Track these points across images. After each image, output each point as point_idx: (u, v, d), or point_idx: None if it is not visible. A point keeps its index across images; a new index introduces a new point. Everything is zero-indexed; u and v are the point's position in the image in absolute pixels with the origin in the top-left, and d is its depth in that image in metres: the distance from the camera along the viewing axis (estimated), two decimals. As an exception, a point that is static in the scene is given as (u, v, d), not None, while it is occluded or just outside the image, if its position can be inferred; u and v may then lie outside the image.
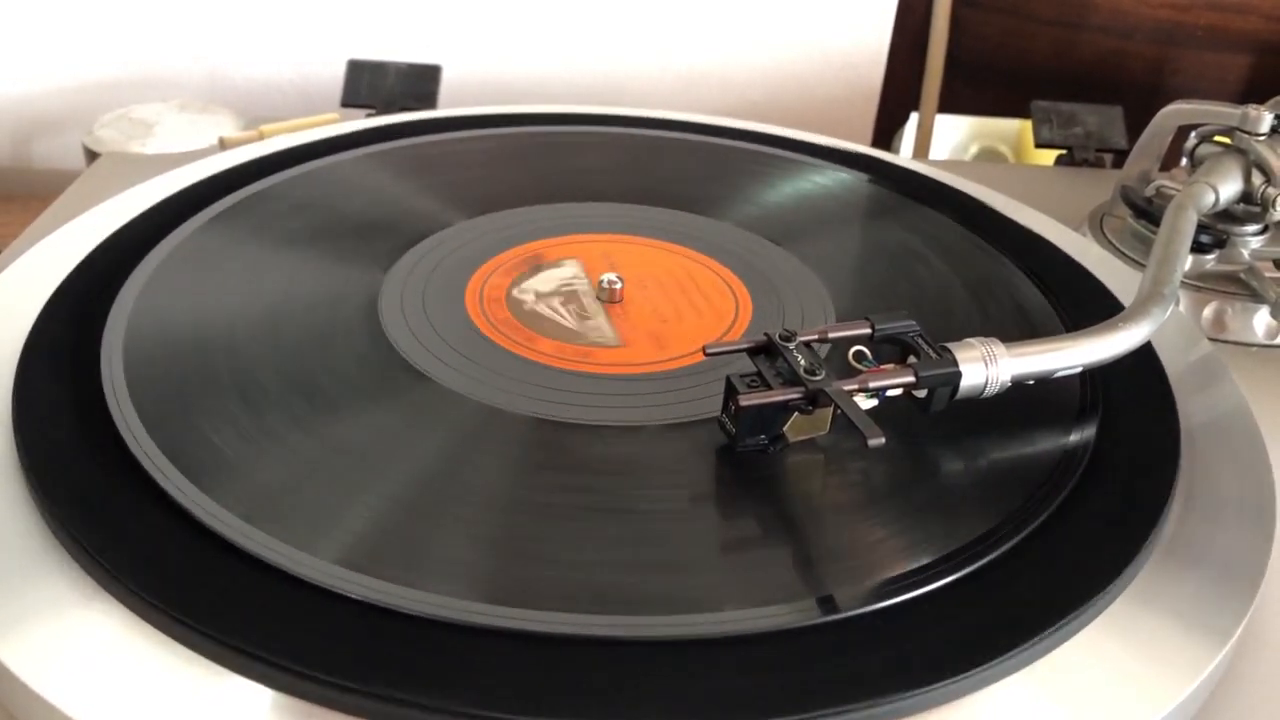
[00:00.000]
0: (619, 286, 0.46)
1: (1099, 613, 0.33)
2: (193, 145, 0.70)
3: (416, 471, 0.36)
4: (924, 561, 0.33)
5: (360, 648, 0.29)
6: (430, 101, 0.72)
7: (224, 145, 0.64)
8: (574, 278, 0.48)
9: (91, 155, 0.70)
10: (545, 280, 0.48)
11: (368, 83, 0.72)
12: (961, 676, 0.30)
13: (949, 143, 0.95)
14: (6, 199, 0.83)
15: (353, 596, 0.31)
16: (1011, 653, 0.30)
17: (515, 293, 0.47)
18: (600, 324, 0.45)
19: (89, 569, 0.32)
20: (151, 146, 0.71)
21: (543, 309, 0.46)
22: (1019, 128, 0.94)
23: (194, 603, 0.30)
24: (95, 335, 0.41)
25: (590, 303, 0.46)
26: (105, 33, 0.82)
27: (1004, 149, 0.95)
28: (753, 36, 0.86)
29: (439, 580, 0.31)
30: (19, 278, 0.46)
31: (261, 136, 0.64)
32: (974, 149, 0.95)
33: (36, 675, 0.29)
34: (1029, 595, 0.33)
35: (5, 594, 0.31)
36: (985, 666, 0.30)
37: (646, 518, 0.35)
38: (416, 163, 0.58)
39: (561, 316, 0.45)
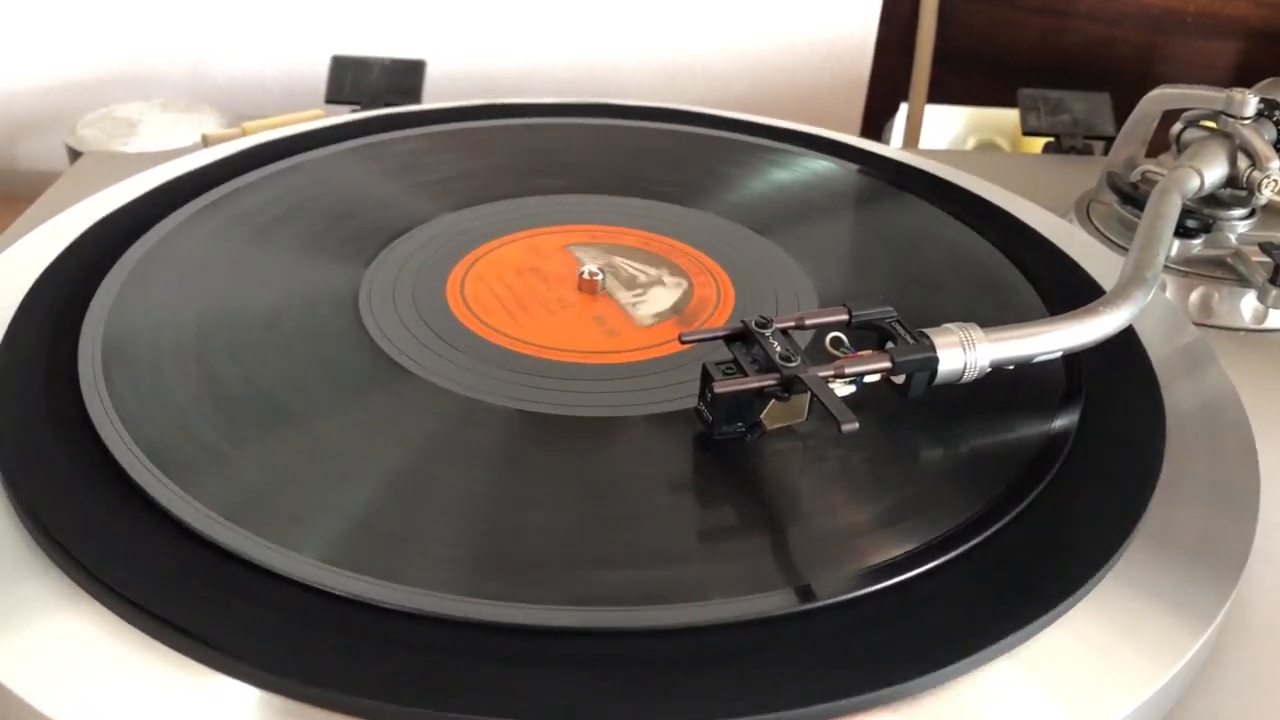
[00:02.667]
0: (600, 277, 0.46)
1: (1084, 596, 0.32)
2: (176, 144, 0.69)
3: (399, 466, 0.36)
4: (908, 548, 0.33)
5: (345, 644, 0.29)
6: (414, 96, 0.71)
7: (207, 143, 0.64)
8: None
9: (74, 154, 0.70)
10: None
11: (352, 79, 0.72)
12: (947, 661, 0.30)
13: (946, 136, 0.94)
14: (-11, 199, 0.82)
15: (336, 593, 0.30)
16: (997, 637, 0.30)
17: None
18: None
19: (67, 569, 0.31)
20: (134, 145, 0.70)
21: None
22: (1015, 120, 0.93)
23: (176, 602, 0.30)
24: (73, 332, 0.41)
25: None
26: (88, 32, 0.82)
27: (1001, 141, 0.95)
28: (738, 27, 0.86)
29: (423, 575, 0.31)
30: (-4, 276, 0.46)
31: (245, 134, 0.63)
32: (971, 142, 0.95)
33: (15, 678, 0.29)
34: (1014, 580, 0.32)
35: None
36: (970, 651, 0.30)
37: (628, 508, 0.35)
38: (398, 157, 0.58)
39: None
